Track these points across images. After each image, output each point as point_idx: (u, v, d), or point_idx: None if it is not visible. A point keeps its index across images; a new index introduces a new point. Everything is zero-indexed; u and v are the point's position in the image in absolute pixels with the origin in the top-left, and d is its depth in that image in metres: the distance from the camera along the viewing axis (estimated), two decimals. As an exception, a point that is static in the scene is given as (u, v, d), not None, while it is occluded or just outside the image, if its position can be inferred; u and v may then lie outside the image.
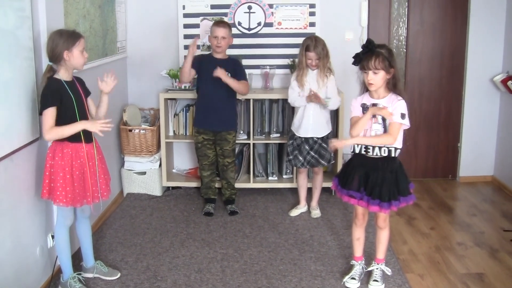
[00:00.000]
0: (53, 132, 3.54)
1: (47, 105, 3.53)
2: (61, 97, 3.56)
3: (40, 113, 3.59)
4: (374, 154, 3.67)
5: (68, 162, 3.62)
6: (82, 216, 3.96)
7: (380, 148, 3.66)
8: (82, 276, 3.98)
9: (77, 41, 3.56)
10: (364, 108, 3.71)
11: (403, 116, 3.61)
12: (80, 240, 4.07)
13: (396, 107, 3.62)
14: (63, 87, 3.58)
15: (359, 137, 3.68)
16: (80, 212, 3.92)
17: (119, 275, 4.06)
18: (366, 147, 3.69)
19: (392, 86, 3.69)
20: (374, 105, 3.67)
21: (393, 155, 3.67)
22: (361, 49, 3.68)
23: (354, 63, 3.72)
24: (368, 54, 3.61)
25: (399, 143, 3.68)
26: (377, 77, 3.59)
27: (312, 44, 4.87)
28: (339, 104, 5.09)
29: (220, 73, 4.89)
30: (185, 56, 5.16)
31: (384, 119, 3.65)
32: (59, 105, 3.56)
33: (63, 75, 3.61)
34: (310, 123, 5.00)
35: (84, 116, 3.69)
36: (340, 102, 5.09)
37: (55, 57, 3.55)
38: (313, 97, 4.84)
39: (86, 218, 3.99)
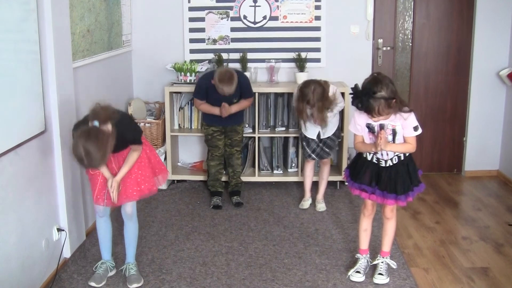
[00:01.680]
0: None
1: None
2: None
3: None
4: (387, 165, 3.71)
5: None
6: (123, 215, 3.95)
7: (391, 159, 3.70)
8: (111, 264, 4.02)
9: None
10: (370, 128, 3.67)
11: (416, 128, 3.62)
12: None
13: (407, 123, 3.61)
14: None
15: (389, 144, 3.62)
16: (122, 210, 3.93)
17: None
18: (379, 160, 3.72)
19: (398, 109, 3.58)
20: (381, 126, 3.62)
21: (402, 158, 3.71)
22: (352, 99, 3.58)
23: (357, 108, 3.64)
24: (367, 106, 3.49)
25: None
26: (385, 116, 3.54)
27: (311, 100, 4.72)
28: (342, 105, 5.08)
29: (226, 112, 5.06)
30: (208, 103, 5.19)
31: (394, 132, 3.63)
32: None
33: None
34: (318, 127, 5.03)
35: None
36: (343, 105, 5.08)
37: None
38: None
39: (125, 218, 3.94)
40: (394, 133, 3.64)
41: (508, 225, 4.90)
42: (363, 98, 3.48)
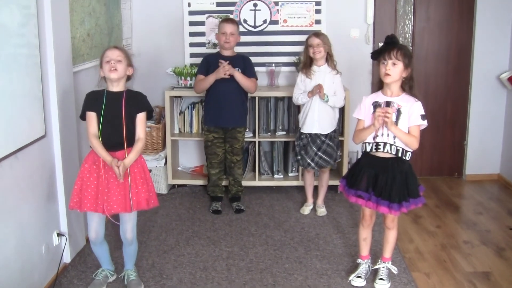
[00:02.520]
0: (90, 140, 3.61)
1: (84, 109, 3.65)
2: (93, 103, 3.61)
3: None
4: (385, 150, 3.64)
5: (85, 165, 3.65)
6: (123, 239, 3.86)
7: (390, 146, 3.64)
8: (110, 272, 3.98)
9: (102, 56, 3.62)
10: (376, 106, 3.67)
11: (423, 117, 3.63)
12: None
13: (414, 109, 3.62)
14: (99, 95, 3.63)
15: (394, 125, 3.58)
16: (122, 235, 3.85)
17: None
18: (377, 145, 3.67)
19: (409, 88, 3.67)
20: (387, 102, 3.64)
21: (400, 155, 3.65)
22: (384, 41, 3.67)
23: (372, 57, 3.72)
24: (390, 46, 3.60)
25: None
26: (395, 69, 3.57)
27: (313, 33, 4.96)
28: (342, 104, 5.03)
29: (227, 68, 4.91)
30: (204, 74, 5.10)
31: (398, 116, 3.62)
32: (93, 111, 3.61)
33: (109, 86, 3.66)
34: (315, 119, 4.98)
35: (113, 129, 3.60)
36: (344, 101, 5.05)
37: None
38: (315, 89, 4.84)
39: (125, 241, 3.84)
40: (398, 113, 3.62)
41: (510, 229, 4.89)
42: (385, 42, 3.65)
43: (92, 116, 3.60)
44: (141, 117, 3.68)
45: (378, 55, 3.65)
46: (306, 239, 4.69)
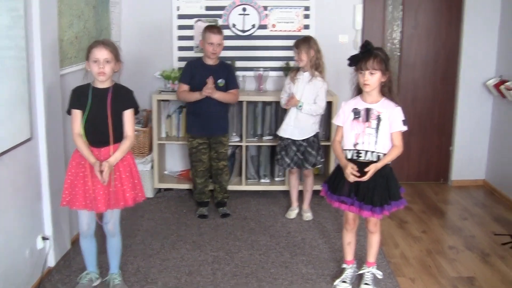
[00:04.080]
0: (76, 141, 3.60)
1: (70, 106, 3.64)
2: (79, 100, 3.59)
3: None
4: (366, 158, 3.67)
5: (73, 163, 3.64)
6: (106, 231, 3.88)
7: (372, 153, 3.66)
8: (95, 275, 3.98)
9: (89, 52, 3.56)
10: (356, 112, 3.70)
11: (404, 122, 3.65)
12: None
13: (396, 115, 3.64)
14: (85, 92, 3.61)
15: (380, 162, 3.64)
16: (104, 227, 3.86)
17: None
18: (358, 152, 3.69)
19: (388, 90, 3.69)
20: (367, 109, 3.66)
21: (382, 158, 3.67)
22: (360, 50, 3.67)
23: (350, 64, 3.70)
24: (366, 55, 3.60)
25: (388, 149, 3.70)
26: (374, 78, 3.59)
27: (296, 40, 4.97)
28: (320, 112, 5.01)
29: (208, 91, 4.90)
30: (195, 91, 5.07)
31: (378, 123, 3.64)
32: (79, 108, 3.60)
33: (94, 81, 3.64)
34: (290, 125, 5.02)
35: (98, 126, 3.58)
36: (322, 109, 4.99)
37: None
38: (289, 99, 4.89)
39: (108, 234, 3.87)
40: (379, 119, 3.64)
41: (494, 235, 4.92)
42: (360, 51, 3.65)
43: (77, 114, 3.60)
44: (128, 114, 3.68)
45: (355, 63, 3.66)
46: (292, 243, 4.70)
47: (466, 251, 4.61)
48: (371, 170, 3.61)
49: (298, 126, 5.00)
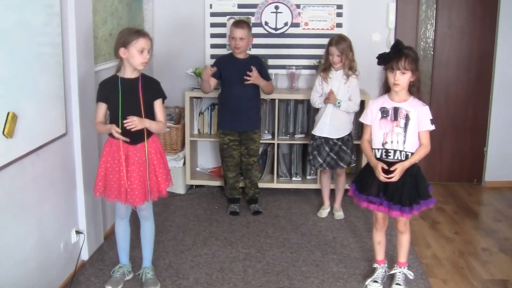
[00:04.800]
0: (96, 127, 3.69)
1: (96, 99, 3.68)
2: (108, 93, 3.61)
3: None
4: (395, 158, 3.65)
5: (106, 156, 3.67)
6: (140, 216, 3.96)
7: (400, 152, 3.64)
8: (128, 268, 4.03)
9: (134, 40, 3.52)
10: (384, 111, 3.68)
11: (431, 121, 3.62)
12: None
13: (424, 114, 3.62)
14: (114, 84, 3.62)
15: (407, 161, 3.62)
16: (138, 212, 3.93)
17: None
18: (387, 152, 3.67)
19: (416, 89, 3.67)
20: (395, 108, 3.64)
21: (410, 157, 3.65)
22: (390, 49, 3.64)
23: (379, 63, 3.69)
24: (397, 55, 3.58)
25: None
26: (404, 78, 3.57)
27: (335, 40, 4.89)
28: (356, 109, 5.03)
29: (254, 77, 4.93)
30: (201, 79, 5.17)
31: (406, 122, 3.62)
32: (107, 101, 3.64)
33: (123, 72, 3.64)
34: (327, 123, 4.99)
35: (134, 114, 3.58)
36: (357, 106, 5.02)
37: (115, 53, 3.61)
38: (329, 95, 4.86)
39: (142, 218, 3.95)
40: (407, 118, 3.62)
41: (529, 237, 4.86)
42: (391, 51, 3.62)
43: (102, 106, 3.66)
44: (159, 103, 3.75)
45: (385, 62, 3.64)
46: (323, 242, 4.69)
47: (500, 253, 4.56)
48: (398, 169, 3.59)
49: (335, 125, 4.99)
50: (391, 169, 3.61)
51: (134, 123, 3.54)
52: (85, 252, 4.25)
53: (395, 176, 3.60)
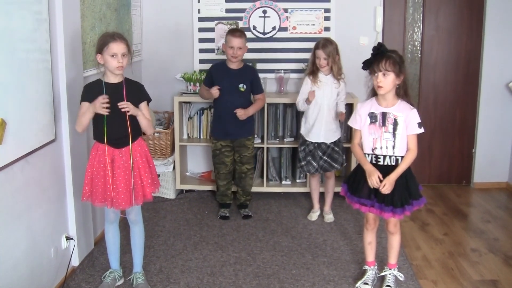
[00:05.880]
0: (78, 120, 3.63)
1: (81, 99, 3.63)
2: (93, 96, 3.57)
3: None
4: (385, 163, 3.67)
5: (92, 160, 3.66)
6: (129, 221, 3.96)
7: (390, 157, 3.65)
8: (119, 273, 4.03)
9: (105, 45, 3.54)
10: (372, 117, 3.68)
11: (419, 125, 3.62)
12: None
13: (411, 118, 3.61)
14: (98, 88, 3.61)
15: (395, 172, 3.62)
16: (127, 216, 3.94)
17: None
18: (377, 157, 3.68)
19: (404, 92, 3.67)
20: (383, 113, 3.65)
21: (400, 162, 3.66)
22: (372, 52, 3.65)
23: (363, 68, 3.69)
24: (378, 57, 3.59)
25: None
26: (387, 80, 3.56)
27: (321, 43, 4.90)
28: (342, 108, 5.06)
29: (243, 114, 5.01)
30: (205, 87, 5.16)
31: (395, 128, 3.63)
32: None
33: (107, 77, 3.65)
34: (322, 129, 5.00)
35: (117, 122, 3.60)
36: (343, 107, 5.04)
37: (96, 59, 3.62)
38: (309, 97, 4.87)
39: (131, 223, 3.95)
40: (395, 123, 3.63)
41: (517, 238, 4.89)
42: (372, 53, 3.64)
43: (86, 106, 3.61)
44: (144, 106, 3.75)
45: (368, 66, 3.65)
46: (314, 245, 4.70)
47: (489, 254, 4.58)
48: (386, 184, 3.60)
49: (330, 129, 5.01)
50: (380, 188, 3.62)
51: (128, 106, 3.57)
52: (76, 258, 4.24)
53: (386, 190, 3.61)
